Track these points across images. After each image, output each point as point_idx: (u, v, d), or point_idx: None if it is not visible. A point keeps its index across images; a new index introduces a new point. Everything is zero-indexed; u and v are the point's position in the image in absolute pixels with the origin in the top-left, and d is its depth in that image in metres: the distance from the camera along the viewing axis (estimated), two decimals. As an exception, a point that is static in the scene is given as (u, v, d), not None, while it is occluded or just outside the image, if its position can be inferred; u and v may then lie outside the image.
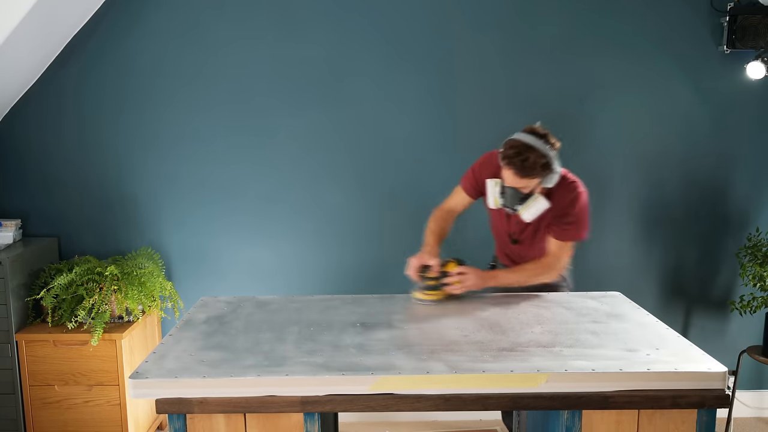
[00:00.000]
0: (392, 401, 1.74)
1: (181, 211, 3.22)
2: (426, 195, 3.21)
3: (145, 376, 1.73)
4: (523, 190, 2.26)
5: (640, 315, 2.24)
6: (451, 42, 3.11)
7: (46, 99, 3.12)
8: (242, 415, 1.76)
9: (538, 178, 2.23)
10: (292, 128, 3.16)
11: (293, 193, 3.21)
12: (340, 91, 3.14)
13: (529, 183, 2.24)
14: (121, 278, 2.90)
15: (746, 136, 3.19)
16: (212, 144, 3.17)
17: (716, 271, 3.30)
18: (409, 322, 2.16)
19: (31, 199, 3.20)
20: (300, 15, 3.08)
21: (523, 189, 2.26)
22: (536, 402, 1.75)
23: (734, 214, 3.26)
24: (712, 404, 1.74)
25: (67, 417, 2.89)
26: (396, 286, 3.21)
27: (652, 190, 3.24)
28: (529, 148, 2.20)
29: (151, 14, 3.06)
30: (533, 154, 2.20)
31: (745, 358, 3.20)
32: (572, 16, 3.09)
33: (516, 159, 2.19)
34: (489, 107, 3.15)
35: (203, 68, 3.11)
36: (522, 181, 2.23)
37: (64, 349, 2.85)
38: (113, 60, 3.10)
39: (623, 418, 1.78)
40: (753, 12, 2.99)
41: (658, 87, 3.15)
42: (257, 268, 3.26)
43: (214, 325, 2.14)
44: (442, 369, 1.77)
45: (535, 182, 2.25)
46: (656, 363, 1.80)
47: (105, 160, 3.18)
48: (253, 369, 1.77)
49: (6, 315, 2.81)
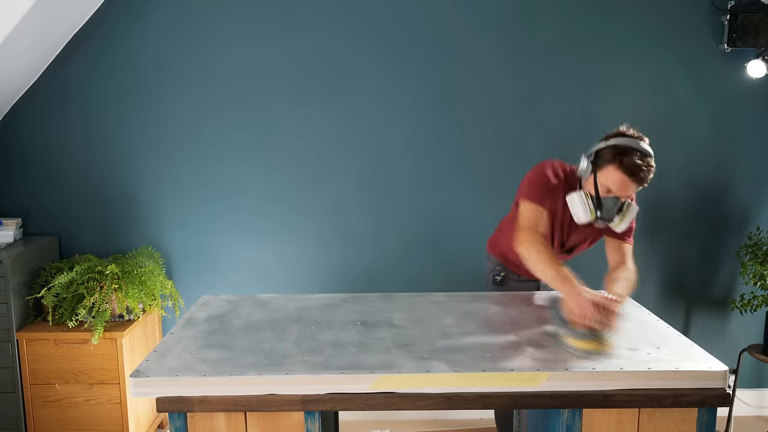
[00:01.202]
0: (393, 400, 1.74)
1: (181, 209, 3.22)
2: (427, 194, 3.21)
3: (145, 375, 1.73)
4: (623, 198, 2.14)
5: (640, 314, 2.25)
6: (451, 44, 3.10)
7: (47, 97, 3.12)
8: (243, 414, 1.76)
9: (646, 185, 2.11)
10: (293, 127, 3.16)
11: (294, 192, 3.21)
12: (342, 91, 3.14)
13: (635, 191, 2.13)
14: (122, 277, 2.90)
15: (747, 134, 3.19)
16: (213, 143, 3.17)
17: (717, 270, 3.30)
18: (409, 321, 2.16)
19: (32, 198, 3.20)
20: (302, 14, 3.07)
21: (625, 197, 2.14)
22: (537, 401, 1.75)
23: (735, 212, 3.25)
24: (712, 403, 1.74)
25: (67, 416, 2.90)
26: (396, 286, 3.23)
27: (653, 189, 3.21)
28: (649, 155, 2.08)
29: (153, 12, 3.06)
30: (653, 162, 2.08)
31: (745, 357, 3.20)
32: (572, 16, 3.09)
33: (644, 168, 2.05)
34: (490, 107, 3.15)
35: (204, 67, 3.11)
36: (632, 190, 2.10)
37: (64, 347, 2.85)
38: (114, 58, 3.09)
39: (624, 416, 1.78)
40: (754, 10, 2.98)
41: (658, 86, 3.15)
42: (258, 267, 3.27)
43: (215, 323, 2.14)
44: (442, 368, 1.77)
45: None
46: (657, 362, 1.80)
47: (105, 159, 3.18)
48: (253, 368, 1.77)
49: (7, 314, 2.81)
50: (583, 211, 2.15)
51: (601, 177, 2.11)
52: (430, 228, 3.21)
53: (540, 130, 3.16)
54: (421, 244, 3.24)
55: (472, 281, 2.93)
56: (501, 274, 2.58)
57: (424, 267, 3.24)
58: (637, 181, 2.06)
